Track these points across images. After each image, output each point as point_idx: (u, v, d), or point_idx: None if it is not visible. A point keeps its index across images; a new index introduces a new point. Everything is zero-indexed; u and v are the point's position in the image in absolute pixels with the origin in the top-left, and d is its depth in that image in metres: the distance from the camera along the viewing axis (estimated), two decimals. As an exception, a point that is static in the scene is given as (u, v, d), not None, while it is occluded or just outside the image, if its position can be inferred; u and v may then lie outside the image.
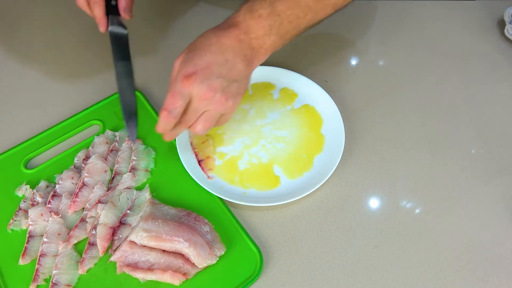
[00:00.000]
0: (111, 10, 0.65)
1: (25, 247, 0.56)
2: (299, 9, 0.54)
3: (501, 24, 0.79)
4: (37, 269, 0.54)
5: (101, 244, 0.55)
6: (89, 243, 0.56)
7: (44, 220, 0.58)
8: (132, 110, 0.59)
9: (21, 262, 0.56)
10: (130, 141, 0.64)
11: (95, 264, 0.56)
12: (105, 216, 0.56)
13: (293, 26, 0.55)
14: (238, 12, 0.55)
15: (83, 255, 0.55)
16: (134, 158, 0.62)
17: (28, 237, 0.57)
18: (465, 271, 0.55)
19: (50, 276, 0.54)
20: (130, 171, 0.62)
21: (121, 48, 0.64)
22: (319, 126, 0.67)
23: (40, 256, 0.55)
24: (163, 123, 0.53)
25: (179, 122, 0.54)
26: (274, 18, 0.53)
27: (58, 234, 0.57)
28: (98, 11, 0.63)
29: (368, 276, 0.55)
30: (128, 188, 0.60)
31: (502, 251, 0.56)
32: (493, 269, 0.55)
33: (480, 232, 0.58)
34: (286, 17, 0.54)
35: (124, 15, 0.66)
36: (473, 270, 0.55)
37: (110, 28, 0.64)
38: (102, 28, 0.65)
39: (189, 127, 0.55)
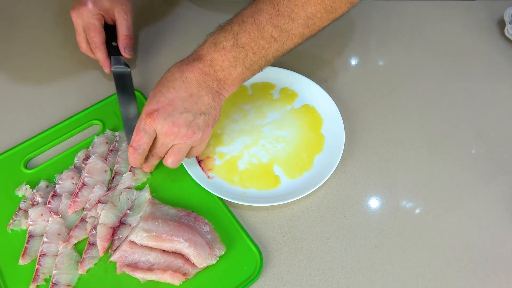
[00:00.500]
0: (113, 51, 0.71)
1: (25, 247, 0.56)
2: (264, 40, 0.54)
3: (501, 24, 0.79)
4: (37, 269, 0.54)
5: (101, 244, 0.55)
6: (89, 243, 0.56)
7: (44, 220, 0.58)
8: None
9: (21, 262, 0.56)
10: None
11: (95, 264, 0.56)
12: (105, 216, 0.56)
13: (259, 57, 0.55)
14: (203, 45, 0.56)
15: (83, 255, 0.55)
16: None
17: (28, 237, 0.57)
18: (465, 271, 0.55)
19: (50, 276, 0.54)
20: (129, 171, 0.62)
21: (125, 83, 0.69)
22: (319, 126, 0.67)
23: (40, 256, 0.55)
24: (132, 159, 0.56)
25: (150, 155, 0.57)
26: (238, 50, 0.54)
27: (58, 234, 0.57)
28: (101, 55, 0.69)
29: (368, 276, 0.55)
30: (128, 188, 0.60)
31: (502, 251, 0.56)
32: (493, 269, 0.55)
33: (480, 232, 0.58)
34: (250, 48, 0.54)
35: (125, 54, 0.71)
36: (473, 270, 0.55)
37: (113, 68, 0.70)
38: (106, 69, 0.70)
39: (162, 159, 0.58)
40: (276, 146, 0.65)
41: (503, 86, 0.73)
